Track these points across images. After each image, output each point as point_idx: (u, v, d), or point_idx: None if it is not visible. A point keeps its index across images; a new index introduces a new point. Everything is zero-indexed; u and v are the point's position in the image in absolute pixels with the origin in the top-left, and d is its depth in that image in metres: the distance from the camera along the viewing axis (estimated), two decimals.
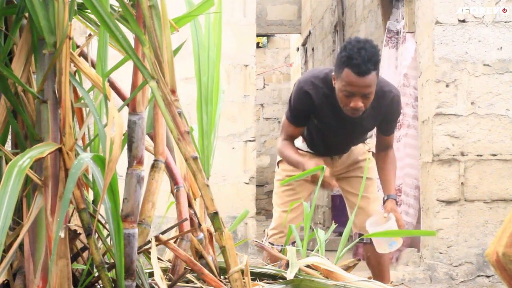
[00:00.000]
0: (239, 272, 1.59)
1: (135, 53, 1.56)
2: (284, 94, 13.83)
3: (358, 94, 3.27)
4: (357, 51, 3.21)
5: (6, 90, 1.59)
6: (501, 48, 5.12)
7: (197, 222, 1.86)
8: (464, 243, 5.06)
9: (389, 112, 3.55)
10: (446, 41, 5.11)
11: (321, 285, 1.71)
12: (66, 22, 1.54)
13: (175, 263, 1.79)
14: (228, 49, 5.64)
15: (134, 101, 1.64)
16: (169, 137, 1.88)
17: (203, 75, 1.96)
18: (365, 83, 3.23)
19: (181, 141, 1.56)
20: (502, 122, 5.10)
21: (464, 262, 5.06)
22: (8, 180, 1.38)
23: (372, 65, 3.21)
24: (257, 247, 2.07)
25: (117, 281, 1.54)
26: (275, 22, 11.88)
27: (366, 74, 3.21)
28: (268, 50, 14.07)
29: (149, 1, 1.52)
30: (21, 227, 1.57)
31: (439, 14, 5.12)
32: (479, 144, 5.08)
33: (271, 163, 13.71)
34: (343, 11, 8.70)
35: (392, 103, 3.52)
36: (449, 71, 5.10)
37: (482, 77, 5.11)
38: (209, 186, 1.59)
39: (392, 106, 3.53)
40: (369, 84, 3.24)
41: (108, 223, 1.54)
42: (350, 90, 3.27)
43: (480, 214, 5.07)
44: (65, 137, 1.54)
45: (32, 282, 1.50)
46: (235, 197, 5.80)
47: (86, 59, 1.82)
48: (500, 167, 5.08)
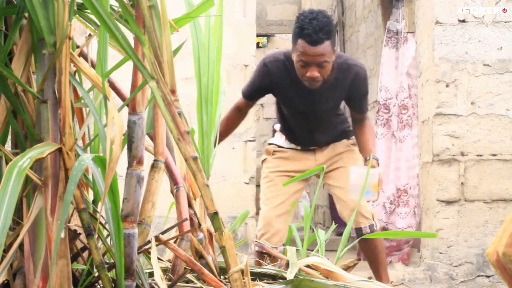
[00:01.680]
0: (239, 272, 1.59)
1: (135, 53, 1.56)
2: None
3: (313, 63, 3.34)
4: (308, 21, 3.29)
5: (6, 90, 1.59)
6: (501, 48, 5.12)
7: (197, 222, 1.86)
8: (464, 243, 5.06)
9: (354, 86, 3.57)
10: (446, 41, 5.11)
11: (321, 285, 1.71)
12: (66, 22, 1.54)
13: (175, 263, 1.79)
14: (228, 49, 5.64)
15: (134, 101, 1.64)
16: (169, 137, 1.88)
17: (203, 76, 1.96)
18: (318, 52, 3.30)
19: (181, 141, 1.56)
20: (502, 122, 5.10)
21: (464, 262, 5.06)
22: (8, 180, 1.38)
23: (324, 34, 3.28)
24: (257, 247, 2.07)
25: (117, 281, 1.54)
26: (275, 22, 11.87)
27: (318, 43, 3.29)
28: (268, 50, 14.06)
29: (149, 1, 1.52)
30: (21, 227, 1.57)
31: (439, 14, 5.12)
32: (479, 144, 5.08)
33: None
34: (343, 11, 8.70)
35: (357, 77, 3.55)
36: (449, 71, 5.09)
37: (482, 77, 5.11)
38: (209, 186, 1.59)
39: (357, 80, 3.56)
40: (322, 53, 3.31)
41: (108, 223, 1.54)
42: (304, 60, 3.34)
43: (480, 214, 5.07)
44: (65, 137, 1.54)
45: (32, 282, 1.50)
46: (235, 197, 5.80)
47: (86, 59, 1.82)
48: (500, 167, 5.08)
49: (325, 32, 3.29)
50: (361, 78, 3.57)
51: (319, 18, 3.30)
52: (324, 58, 3.33)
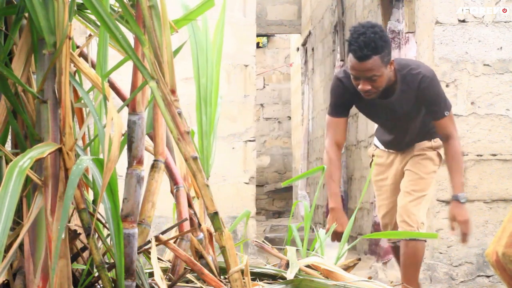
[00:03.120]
0: (239, 272, 1.59)
1: (135, 53, 1.56)
2: (284, 94, 13.84)
3: (362, 77, 3.38)
4: (356, 36, 3.33)
5: (6, 90, 1.59)
6: (501, 48, 5.12)
7: (197, 222, 1.86)
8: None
9: (422, 94, 3.53)
10: (446, 41, 5.12)
11: (321, 285, 1.71)
12: (66, 22, 1.54)
13: (175, 263, 1.79)
14: (228, 49, 5.64)
15: (134, 101, 1.64)
16: (169, 137, 1.88)
17: (202, 77, 1.96)
18: (365, 68, 3.34)
19: (181, 141, 1.56)
20: (502, 122, 5.10)
21: (464, 262, 5.06)
22: (9, 180, 1.38)
23: (370, 51, 3.31)
24: (257, 247, 2.07)
25: (117, 281, 1.54)
26: (275, 22, 11.88)
27: (364, 59, 3.32)
28: (268, 50, 14.07)
29: (149, 1, 1.52)
30: (21, 227, 1.57)
31: (439, 14, 5.12)
32: (479, 144, 5.08)
33: (271, 163, 13.72)
34: (343, 11, 8.70)
35: (422, 84, 3.51)
36: (449, 71, 5.10)
37: (482, 77, 5.11)
38: (209, 186, 1.59)
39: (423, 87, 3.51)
40: (370, 68, 3.34)
41: (108, 223, 1.54)
42: (354, 74, 3.41)
43: (480, 214, 5.07)
44: (65, 137, 1.54)
45: (32, 282, 1.50)
46: (235, 197, 5.81)
47: (86, 59, 1.82)
48: (500, 167, 5.08)
49: (372, 48, 3.31)
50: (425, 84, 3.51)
51: (367, 33, 3.32)
52: (372, 72, 3.35)
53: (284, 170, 13.67)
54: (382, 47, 3.35)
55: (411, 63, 3.62)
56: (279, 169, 13.73)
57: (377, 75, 3.36)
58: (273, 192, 13.62)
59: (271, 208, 13.57)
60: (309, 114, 10.59)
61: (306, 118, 10.67)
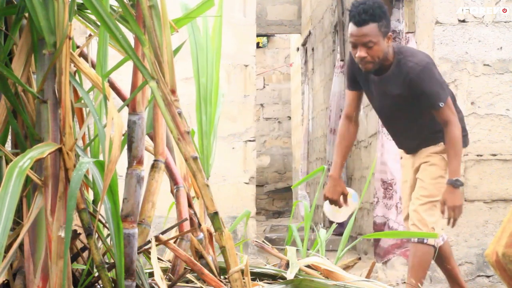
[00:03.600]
0: (239, 272, 1.59)
1: (135, 53, 1.56)
2: (284, 94, 13.84)
3: (359, 43, 3.51)
4: (357, 5, 3.52)
5: (6, 90, 1.59)
6: (501, 48, 5.12)
7: (197, 222, 1.86)
8: (464, 243, 5.06)
9: (409, 83, 3.56)
10: (446, 41, 5.12)
11: (321, 285, 1.71)
12: (66, 22, 1.54)
13: (175, 263, 1.79)
14: (228, 49, 5.64)
15: (134, 101, 1.64)
16: (169, 137, 1.88)
17: (202, 76, 1.96)
18: (362, 33, 3.49)
19: (181, 141, 1.56)
20: (502, 122, 5.10)
21: (464, 262, 5.06)
22: (9, 181, 1.38)
23: (368, 16, 3.47)
24: (257, 247, 2.07)
25: (117, 281, 1.54)
26: (275, 22, 11.87)
27: (362, 24, 3.48)
28: (268, 50, 14.07)
29: (149, 1, 1.52)
30: (21, 227, 1.57)
31: (439, 14, 5.12)
32: (479, 144, 5.08)
33: (271, 163, 13.72)
34: (343, 11, 8.70)
35: (409, 75, 3.55)
36: (449, 71, 5.10)
37: (482, 77, 5.11)
38: (209, 186, 1.59)
39: (409, 77, 3.55)
40: (366, 33, 3.49)
41: (108, 223, 1.54)
42: (352, 41, 3.55)
43: (480, 214, 5.07)
44: (65, 137, 1.54)
45: (32, 282, 1.50)
46: (235, 197, 5.81)
47: (86, 59, 1.82)
48: (500, 167, 5.08)
49: (370, 14, 3.47)
50: (416, 72, 3.55)
51: (367, 2, 3.50)
52: (368, 38, 3.49)
53: (284, 170, 13.68)
54: (380, 16, 3.50)
55: (409, 52, 3.70)
56: (279, 169, 13.73)
57: (374, 41, 3.49)
58: (273, 192, 13.62)
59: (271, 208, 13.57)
60: (309, 114, 10.59)
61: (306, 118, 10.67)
